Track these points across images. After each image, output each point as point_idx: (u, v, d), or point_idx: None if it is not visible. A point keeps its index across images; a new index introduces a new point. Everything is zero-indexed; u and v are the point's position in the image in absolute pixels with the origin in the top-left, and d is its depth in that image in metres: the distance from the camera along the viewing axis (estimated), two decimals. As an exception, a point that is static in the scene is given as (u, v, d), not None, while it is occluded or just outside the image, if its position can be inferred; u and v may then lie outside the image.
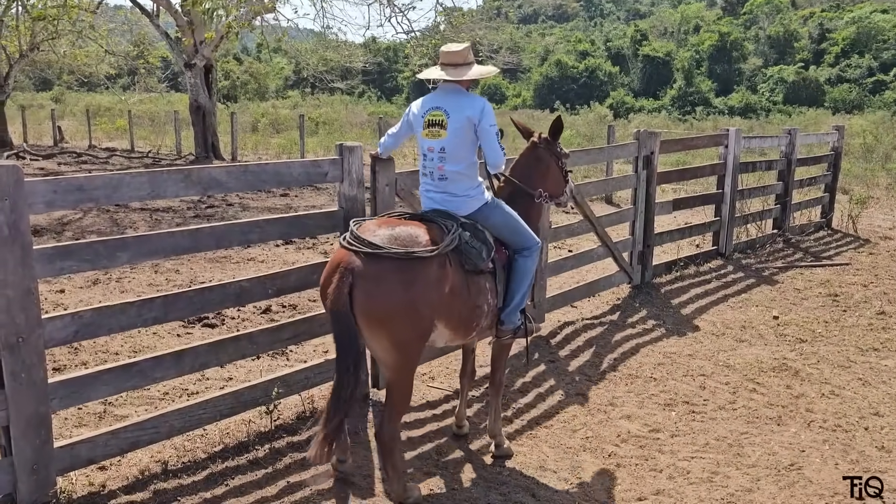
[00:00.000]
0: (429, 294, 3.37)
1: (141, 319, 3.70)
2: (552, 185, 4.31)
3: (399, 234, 3.41)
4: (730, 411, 4.93)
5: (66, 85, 46.82)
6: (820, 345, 6.22)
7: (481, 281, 3.74)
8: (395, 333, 3.33)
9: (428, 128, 3.85)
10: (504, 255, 3.91)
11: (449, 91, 3.90)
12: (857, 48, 54.47)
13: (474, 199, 3.86)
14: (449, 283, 3.48)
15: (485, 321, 3.83)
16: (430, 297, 3.37)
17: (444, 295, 3.45)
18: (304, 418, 4.50)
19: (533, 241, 3.97)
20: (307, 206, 12.73)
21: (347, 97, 49.89)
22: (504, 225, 3.91)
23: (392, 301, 3.27)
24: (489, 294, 3.79)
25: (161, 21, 21.58)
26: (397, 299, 3.27)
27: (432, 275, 3.37)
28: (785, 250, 9.76)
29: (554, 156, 4.32)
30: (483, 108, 3.78)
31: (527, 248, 3.93)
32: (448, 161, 3.79)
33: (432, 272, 3.37)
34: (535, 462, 4.19)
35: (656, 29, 70.46)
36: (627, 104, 52.95)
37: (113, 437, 3.62)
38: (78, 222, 10.62)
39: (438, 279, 3.41)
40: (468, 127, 3.76)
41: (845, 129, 12.41)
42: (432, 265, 3.38)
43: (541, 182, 4.24)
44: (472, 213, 3.85)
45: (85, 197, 3.46)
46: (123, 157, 21.49)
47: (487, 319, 3.84)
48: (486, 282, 3.78)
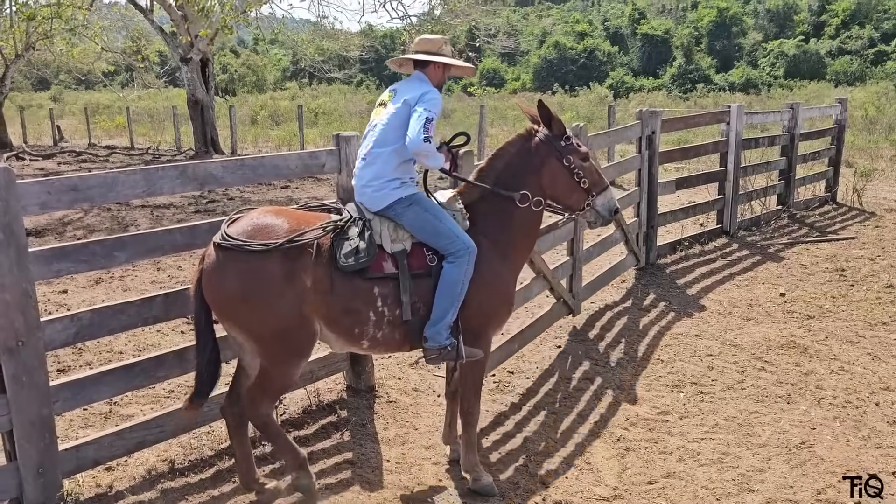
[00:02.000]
0: (270, 286, 3.18)
1: (141, 319, 3.67)
2: (555, 190, 3.68)
3: (258, 224, 3.27)
4: (738, 391, 4.90)
5: (64, 84, 46.78)
6: (828, 321, 6.17)
7: (367, 284, 3.35)
8: (242, 323, 3.28)
9: (376, 108, 3.72)
10: (422, 261, 3.45)
11: (411, 78, 3.72)
12: (857, 19, 53.92)
13: (379, 192, 3.50)
14: (309, 278, 3.24)
15: (377, 331, 3.41)
16: (272, 289, 3.19)
17: (304, 290, 3.23)
18: (309, 412, 4.48)
19: (459, 246, 3.39)
20: (308, 197, 12.67)
21: (346, 86, 49.65)
22: (418, 226, 3.45)
23: (226, 290, 3.21)
24: (380, 301, 3.37)
25: (156, 16, 21.46)
26: (231, 289, 3.20)
27: (274, 268, 3.18)
28: (790, 226, 9.68)
29: (556, 153, 3.65)
30: (425, 93, 3.50)
31: (451, 253, 3.39)
32: (377, 142, 3.54)
33: (274, 265, 3.18)
34: (544, 449, 4.16)
35: (654, 7, 69.82)
36: (627, 84, 52.58)
37: (118, 438, 3.60)
38: (79, 221, 10.59)
39: (287, 273, 3.20)
40: (405, 110, 3.50)
41: (848, 102, 12.28)
42: (273, 258, 3.18)
43: (531, 184, 3.63)
44: (384, 208, 3.49)
45: (80, 197, 3.41)
46: (123, 154, 21.45)
47: (384, 330, 3.42)
48: (378, 287, 3.37)
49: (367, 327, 3.39)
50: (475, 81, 57.02)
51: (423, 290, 3.42)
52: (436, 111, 3.44)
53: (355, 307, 3.34)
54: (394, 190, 3.49)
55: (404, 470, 3.91)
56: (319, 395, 4.65)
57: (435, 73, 3.71)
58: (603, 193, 3.74)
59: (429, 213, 3.47)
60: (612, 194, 3.79)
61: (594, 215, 3.76)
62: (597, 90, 45.55)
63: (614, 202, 3.80)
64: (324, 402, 4.60)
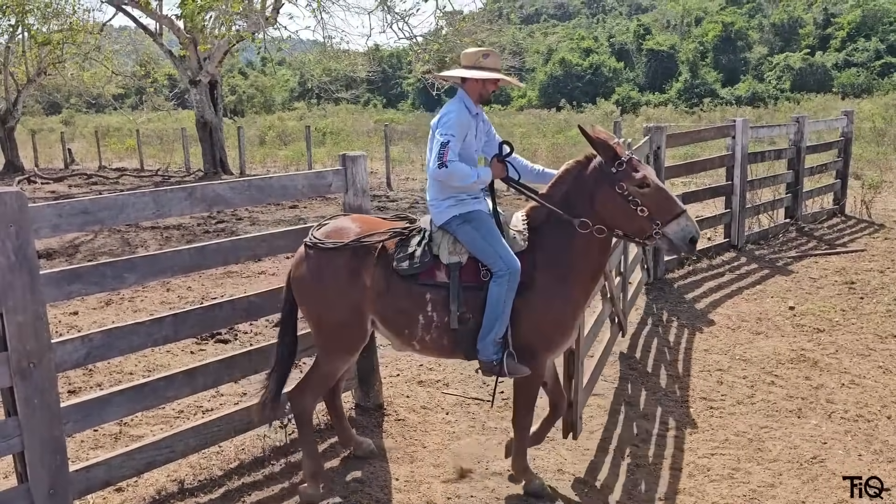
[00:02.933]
0: (334, 280, 3.62)
1: (151, 339, 3.70)
2: (612, 219, 3.52)
3: (336, 227, 3.76)
4: (749, 405, 4.87)
5: (75, 107, 47.28)
6: (838, 334, 6.14)
7: (419, 290, 3.56)
8: (309, 311, 3.75)
9: None
10: (475, 275, 3.54)
11: (452, 99, 3.80)
12: (862, 32, 53.97)
13: (438, 210, 3.68)
14: (369, 278, 3.60)
15: (426, 334, 3.60)
16: (336, 282, 3.61)
17: (363, 288, 3.60)
18: (318, 431, 4.49)
19: (500, 267, 3.45)
20: (316, 216, 12.75)
21: (353, 106, 50.00)
22: (469, 242, 3.57)
23: (301, 279, 3.72)
24: (430, 306, 3.56)
25: (165, 40, 21.73)
26: (305, 278, 3.71)
27: (340, 264, 3.61)
28: (798, 239, 9.66)
29: (608, 179, 3.49)
30: (441, 115, 3.65)
31: (494, 272, 3.47)
32: (427, 168, 3.72)
33: (340, 262, 3.61)
34: (553, 465, 4.15)
35: (659, 23, 70.15)
36: (633, 99, 52.73)
37: (129, 459, 3.62)
38: (89, 243, 10.68)
39: (350, 270, 3.60)
40: (431, 135, 3.69)
41: (855, 114, 12.28)
42: (340, 256, 3.62)
43: (588, 212, 3.53)
44: (443, 224, 3.66)
45: (90, 219, 3.46)
46: (133, 176, 21.64)
47: (432, 335, 3.60)
48: (430, 293, 3.56)
49: (416, 329, 3.62)
50: (482, 99, 57.09)
51: (473, 302, 3.55)
52: (451, 132, 3.55)
53: (406, 309, 3.60)
54: (448, 208, 3.67)
55: (413, 488, 3.90)
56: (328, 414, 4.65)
57: (473, 87, 3.74)
58: (675, 221, 3.42)
59: (478, 231, 3.57)
60: (686, 221, 3.44)
61: (667, 244, 3.49)
62: (603, 106, 45.68)
63: (691, 230, 3.44)
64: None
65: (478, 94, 3.74)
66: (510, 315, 3.49)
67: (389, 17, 21.01)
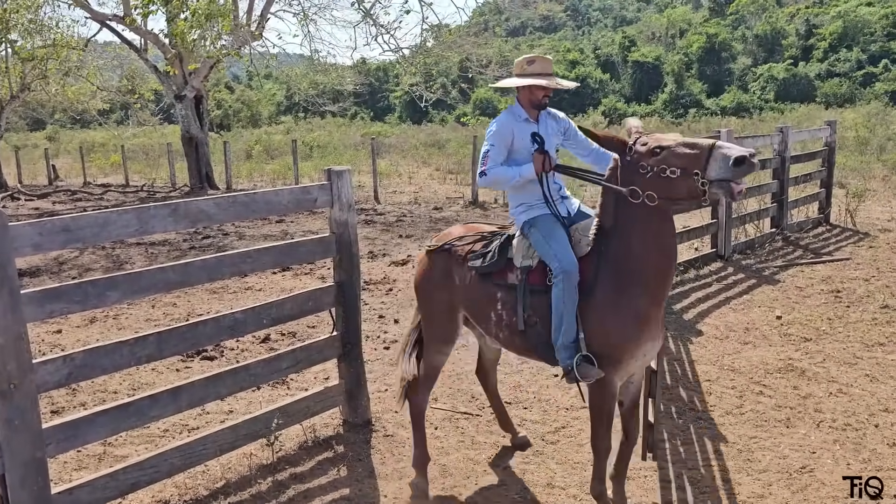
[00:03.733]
0: (433, 278, 4.08)
1: (135, 358, 3.65)
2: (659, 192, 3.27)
3: (443, 233, 4.25)
4: (737, 416, 4.87)
5: (59, 123, 47.03)
6: (825, 343, 6.16)
7: (496, 290, 3.78)
8: (419, 305, 4.23)
9: None
10: (542, 278, 3.60)
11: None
12: (844, 42, 54.71)
13: (515, 217, 3.86)
14: (458, 276, 3.96)
15: (499, 331, 3.79)
16: (434, 280, 4.07)
17: (453, 285, 3.98)
18: (306, 448, 4.45)
19: (556, 268, 3.48)
20: (303, 231, 12.71)
21: (340, 119, 50.04)
22: (535, 245, 3.66)
23: (416, 278, 4.24)
24: (500, 305, 3.74)
25: (150, 55, 21.68)
26: (417, 277, 4.22)
27: (438, 264, 4.05)
28: (784, 248, 9.71)
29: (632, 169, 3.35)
30: (489, 127, 3.90)
31: (553, 274, 3.51)
32: None
33: (438, 262, 4.06)
34: (543, 480, 4.13)
35: (644, 34, 70.80)
36: (620, 110, 53.11)
37: (112, 480, 3.56)
38: (74, 260, 10.59)
39: (445, 269, 4.02)
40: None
41: (838, 123, 12.40)
42: (438, 256, 4.07)
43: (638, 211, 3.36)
44: (520, 229, 3.82)
45: (72, 237, 3.42)
46: (118, 192, 21.52)
47: (504, 332, 3.76)
48: (501, 293, 3.74)
49: (491, 325, 3.85)
50: (469, 112, 57.37)
51: (538, 306, 3.61)
52: (491, 142, 3.77)
53: (483, 306, 3.86)
54: (520, 214, 3.83)
55: (402, 505, 3.86)
56: (315, 431, 4.62)
57: (522, 94, 3.84)
58: (710, 161, 3.10)
59: (542, 235, 3.67)
60: (721, 152, 3.09)
61: (718, 187, 3.12)
62: (592, 117, 45.94)
63: (731, 154, 3.06)
64: (320, 438, 4.56)
65: (527, 100, 3.82)
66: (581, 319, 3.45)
67: (374, 29, 21.08)
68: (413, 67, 22.25)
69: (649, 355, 3.61)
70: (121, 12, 20.13)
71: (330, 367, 5.28)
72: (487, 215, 13.95)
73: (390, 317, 7.29)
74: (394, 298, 8.02)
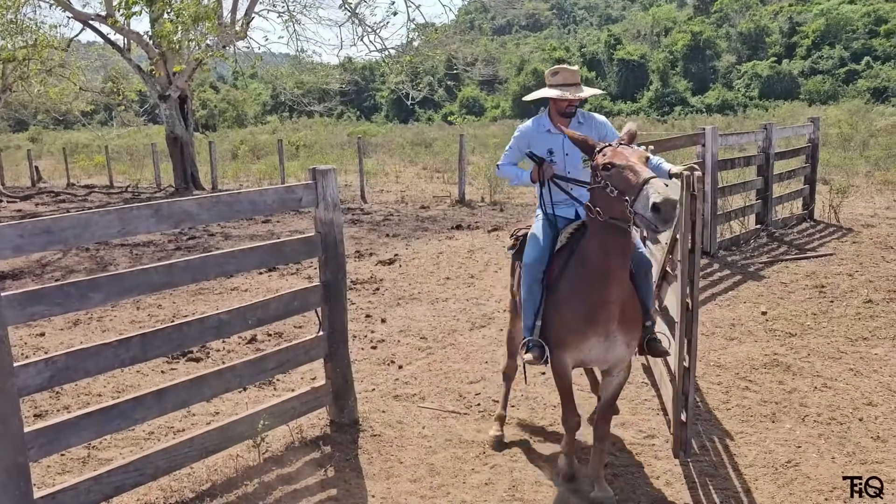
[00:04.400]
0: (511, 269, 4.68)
1: (118, 360, 3.61)
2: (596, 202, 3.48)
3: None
4: (724, 411, 4.89)
5: (42, 124, 46.62)
6: (809, 338, 6.20)
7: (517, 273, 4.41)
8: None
9: None
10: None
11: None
12: (827, 40, 55.16)
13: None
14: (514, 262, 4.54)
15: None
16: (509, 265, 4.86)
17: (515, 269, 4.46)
18: (292, 449, 4.42)
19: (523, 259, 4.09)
20: (290, 230, 12.67)
21: (326, 119, 49.92)
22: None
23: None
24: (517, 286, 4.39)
25: (133, 55, 21.52)
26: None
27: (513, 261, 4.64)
28: (769, 245, 9.77)
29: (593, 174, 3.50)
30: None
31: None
32: None
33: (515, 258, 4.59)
34: (531, 477, 4.13)
35: (629, 32, 71.08)
36: (606, 108, 53.30)
37: (96, 483, 3.52)
38: (57, 262, 10.50)
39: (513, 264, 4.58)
40: None
41: (821, 120, 12.49)
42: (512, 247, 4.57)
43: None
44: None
45: (54, 239, 3.38)
46: (102, 193, 21.35)
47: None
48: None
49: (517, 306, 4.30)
50: (455, 110, 57.39)
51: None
52: (511, 144, 4.30)
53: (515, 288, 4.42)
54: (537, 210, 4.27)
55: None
56: (302, 432, 4.60)
57: (551, 104, 4.16)
58: (640, 194, 3.17)
59: (532, 233, 4.13)
60: (648, 191, 3.14)
61: (640, 220, 3.24)
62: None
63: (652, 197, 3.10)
64: (307, 439, 4.54)
65: (554, 109, 4.14)
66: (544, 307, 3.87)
67: (360, 29, 21.03)
68: (399, 66, 22.21)
69: (606, 354, 3.73)
70: (104, 12, 19.97)
71: (317, 367, 5.26)
72: (474, 213, 13.96)
73: (377, 316, 7.27)
74: (381, 298, 8.00)
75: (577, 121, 4.12)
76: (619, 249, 3.51)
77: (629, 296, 3.69)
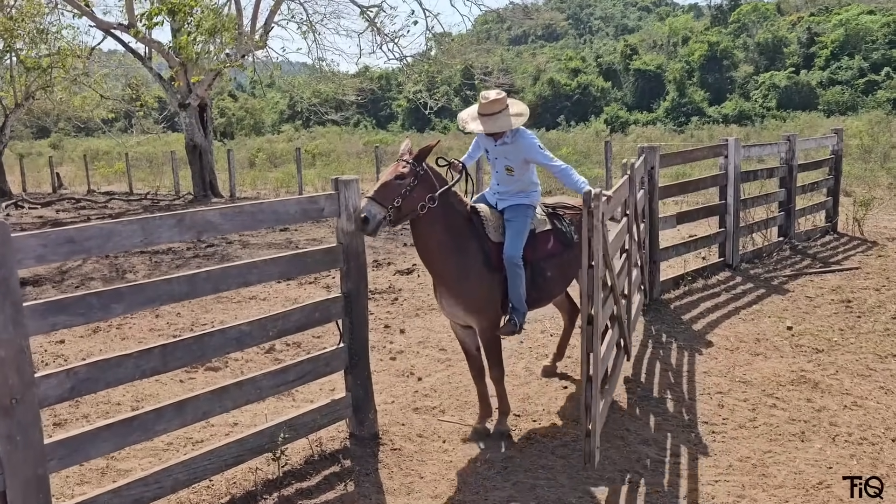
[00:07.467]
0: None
1: (139, 371, 3.58)
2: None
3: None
4: (751, 430, 4.78)
5: (63, 131, 47.13)
6: (837, 354, 6.07)
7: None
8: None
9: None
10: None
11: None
12: (846, 50, 54.64)
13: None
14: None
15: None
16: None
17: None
18: (312, 462, 4.37)
19: None
20: (308, 239, 12.65)
21: (343, 128, 50.08)
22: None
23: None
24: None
25: (154, 63, 21.70)
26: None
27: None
28: (792, 257, 9.63)
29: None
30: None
31: None
32: None
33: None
34: (554, 496, 4.04)
35: (646, 43, 70.85)
36: (622, 118, 53.08)
37: (115, 496, 3.48)
38: (77, 270, 10.53)
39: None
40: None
41: (843, 132, 12.32)
42: None
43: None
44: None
45: (76, 248, 3.35)
46: (122, 200, 21.49)
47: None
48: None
49: None
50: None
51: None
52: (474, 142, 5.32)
53: None
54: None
55: (411, 522, 3.79)
56: (322, 445, 4.54)
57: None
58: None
59: None
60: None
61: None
62: (595, 125, 45.92)
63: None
64: (326, 452, 4.49)
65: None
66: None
67: (379, 38, 21.09)
68: (417, 75, 22.24)
69: (454, 318, 4.76)
70: (126, 21, 20.16)
71: (335, 378, 5.20)
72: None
73: (396, 327, 7.21)
74: (399, 308, 7.95)
75: (505, 140, 4.81)
76: (424, 239, 4.66)
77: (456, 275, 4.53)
